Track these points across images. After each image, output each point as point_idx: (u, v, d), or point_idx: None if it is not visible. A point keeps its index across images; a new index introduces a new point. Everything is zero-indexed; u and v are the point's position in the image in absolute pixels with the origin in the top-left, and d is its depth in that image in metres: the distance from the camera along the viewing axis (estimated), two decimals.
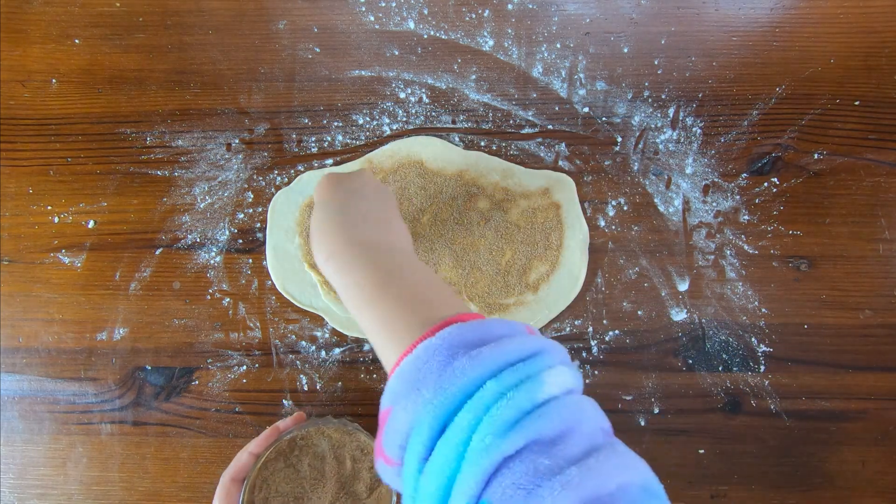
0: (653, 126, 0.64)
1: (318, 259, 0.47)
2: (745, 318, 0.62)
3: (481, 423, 0.32)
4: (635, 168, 0.64)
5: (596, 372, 0.63)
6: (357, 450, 0.53)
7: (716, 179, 0.63)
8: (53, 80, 0.66)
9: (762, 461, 0.62)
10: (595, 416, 0.34)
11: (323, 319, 0.63)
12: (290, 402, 0.63)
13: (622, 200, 0.64)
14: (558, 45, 0.65)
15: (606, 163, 0.64)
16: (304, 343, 0.64)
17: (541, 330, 0.63)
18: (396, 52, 0.65)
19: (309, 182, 0.64)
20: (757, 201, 0.63)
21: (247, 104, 0.65)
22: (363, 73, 0.65)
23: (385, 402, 0.36)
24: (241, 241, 0.64)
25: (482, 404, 0.32)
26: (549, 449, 0.31)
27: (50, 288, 0.64)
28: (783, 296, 0.62)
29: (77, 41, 0.66)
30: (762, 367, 0.62)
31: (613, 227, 0.64)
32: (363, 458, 0.53)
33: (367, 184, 0.51)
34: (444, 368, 0.34)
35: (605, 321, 0.63)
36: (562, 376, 0.34)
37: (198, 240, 0.64)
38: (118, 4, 0.66)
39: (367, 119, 0.65)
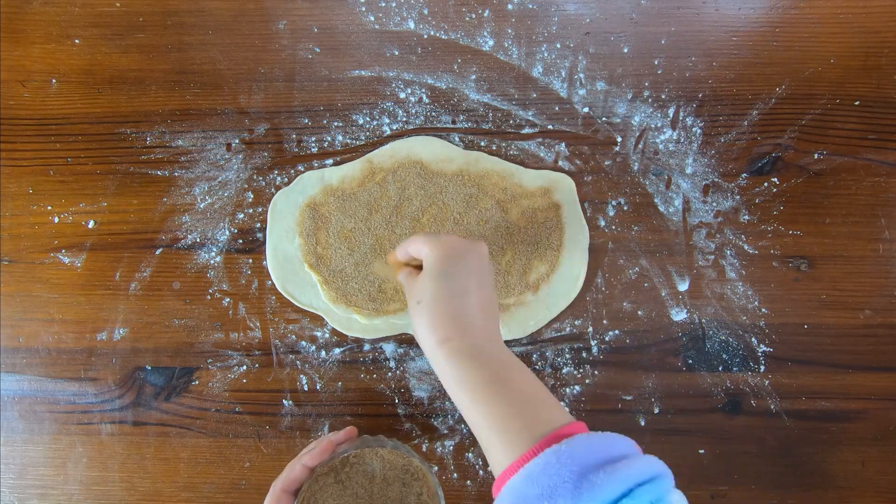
0: (653, 126, 0.64)
1: (428, 338, 0.47)
2: (745, 318, 0.62)
3: None
4: (635, 168, 0.64)
5: (596, 372, 0.63)
6: (407, 474, 0.52)
7: (716, 179, 0.63)
8: (53, 80, 0.66)
9: (762, 461, 0.62)
10: None
11: (323, 319, 0.63)
12: (290, 402, 0.63)
13: (622, 200, 0.64)
14: (558, 45, 0.65)
15: (606, 163, 0.64)
16: (304, 343, 0.64)
17: (541, 330, 0.63)
18: (396, 52, 0.65)
19: (309, 182, 0.64)
20: (757, 201, 0.63)
21: (247, 104, 0.65)
22: (363, 73, 0.65)
23: (507, 501, 0.39)
24: (241, 241, 0.64)
25: None
26: None
27: (50, 288, 0.64)
28: (783, 296, 0.62)
29: (77, 41, 0.66)
30: (762, 367, 0.62)
31: (613, 227, 0.64)
32: (412, 483, 0.52)
33: (483, 264, 0.51)
34: (580, 480, 0.37)
35: (605, 321, 0.63)
36: (680, 500, 0.38)
37: (198, 240, 0.64)
38: (118, 4, 0.66)
39: (367, 119, 0.65)
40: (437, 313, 0.47)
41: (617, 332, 0.63)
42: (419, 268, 0.53)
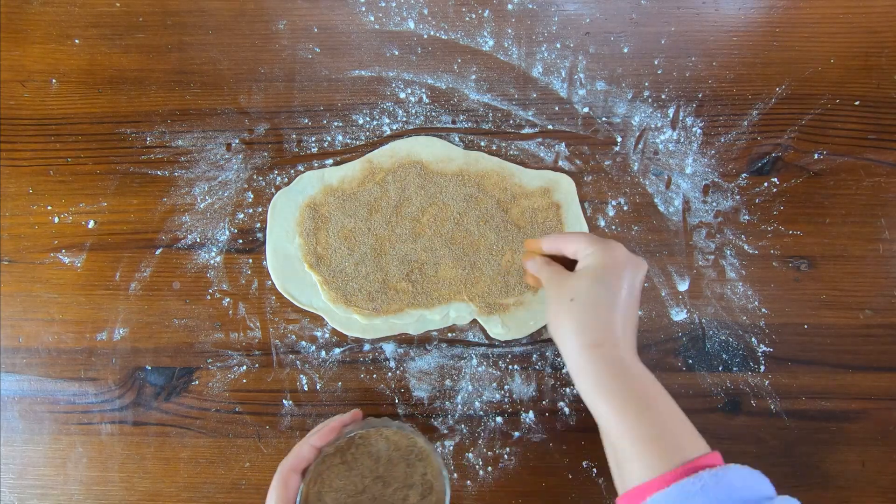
0: (653, 126, 0.64)
1: (574, 338, 0.46)
2: (745, 318, 0.62)
3: None
4: (635, 168, 0.64)
5: None
6: (412, 454, 0.52)
7: (716, 179, 0.63)
8: (53, 80, 0.66)
9: (762, 461, 0.62)
10: None
11: (323, 319, 0.63)
12: (290, 402, 0.63)
13: (622, 200, 0.64)
14: (558, 45, 0.65)
15: (606, 163, 0.64)
16: (304, 343, 0.64)
17: (541, 330, 0.63)
18: (396, 52, 0.65)
19: (309, 182, 0.64)
20: (757, 201, 0.63)
21: (247, 104, 0.65)
22: (363, 73, 0.65)
23: None
24: (241, 241, 0.64)
25: None
26: None
27: (50, 288, 0.64)
28: (783, 296, 0.62)
29: (77, 41, 0.66)
30: (762, 367, 0.62)
31: (613, 227, 0.64)
32: (417, 464, 0.52)
33: (639, 281, 0.49)
34: None
35: None
36: None
37: (198, 240, 0.64)
38: (118, 4, 0.66)
39: (367, 119, 0.65)
40: (590, 316, 0.46)
41: None
42: (559, 261, 0.52)
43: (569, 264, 0.52)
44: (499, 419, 0.63)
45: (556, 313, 0.48)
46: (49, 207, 0.65)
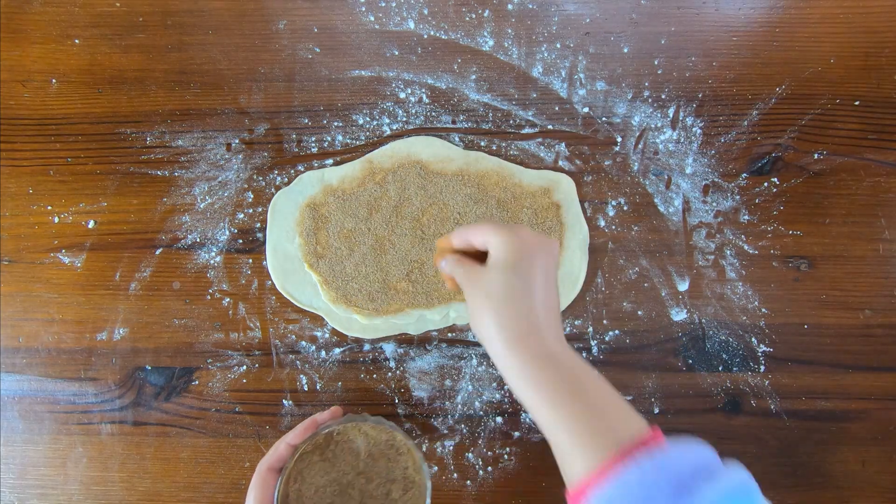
0: (653, 126, 0.64)
1: (497, 336, 0.44)
2: (745, 318, 0.62)
3: None
4: (635, 168, 0.64)
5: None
6: (392, 449, 0.52)
7: (716, 179, 0.63)
8: (53, 80, 0.66)
9: (762, 461, 0.62)
10: None
11: (323, 319, 0.63)
12: (290, 402, 0.63)
13: (622, 200, 0.64)
14: (558, 45, 0.65)
15: (606, 163, 0.64)
16: (304, 343, 0.64)
17: None
18: (396, 52, 0.65)
19: (309, 182, 0.64)
20: (757, 201, 0.63)
21: (247, 104, 0.65)
22: (363, 73, 0.65)
23: None
24: (241, 241, 0.64)
25: None
26: None
27: (50, 288, 0.64)
28: (783, 296, 0.62)
29: (77, 41, 0.66)
30: (762, 367, 0.62)
31: (613, 227, 0.64)
32: (397, 458, 0.52)
33: (553, 263, 0.47)
34: (678, 491, 0.37)
35: (605, 321, 0.63)
36: None
37: (198, 240, 0.64)
38: (118, 4, 0.66)
39: (367, 119, 0.65)
40: (509, 310, 0.44)
41: (617, 332, 0.63)
42: (472, 256, 0.49)
43: (482, 257, 0.48)
44: (499, 419, 0.63)
45: (475, 312, 0.46)
46: (49, 207, 0.65)
